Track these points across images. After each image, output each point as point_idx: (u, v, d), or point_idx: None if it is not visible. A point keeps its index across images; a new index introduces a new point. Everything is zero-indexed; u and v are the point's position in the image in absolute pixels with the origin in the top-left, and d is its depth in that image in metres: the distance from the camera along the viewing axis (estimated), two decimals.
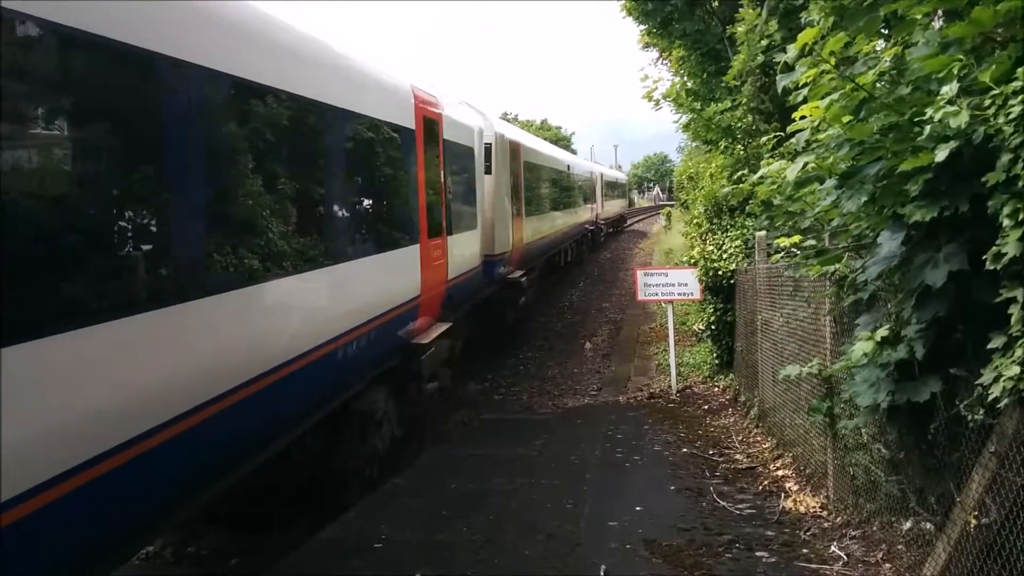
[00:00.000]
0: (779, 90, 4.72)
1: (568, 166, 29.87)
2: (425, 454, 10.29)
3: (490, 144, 15.56)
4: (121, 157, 4.49)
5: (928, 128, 3.65)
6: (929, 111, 3.61)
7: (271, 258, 5.95)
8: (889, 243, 4.21)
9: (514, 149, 17.71)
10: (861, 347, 4.39)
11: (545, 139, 45.58)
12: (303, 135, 6.80)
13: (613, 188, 55.75)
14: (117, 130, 4.43)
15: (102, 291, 4.23)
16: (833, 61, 4.59)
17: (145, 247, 4.65)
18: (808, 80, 4.62)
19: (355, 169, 8.04)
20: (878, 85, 4.20)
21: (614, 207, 54.97)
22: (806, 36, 4.22)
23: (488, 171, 15.26)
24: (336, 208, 7.51)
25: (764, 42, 12.12)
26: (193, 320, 4.94)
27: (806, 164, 4.41)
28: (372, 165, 8.54)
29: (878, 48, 5.47)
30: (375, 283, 8.29)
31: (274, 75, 6.12)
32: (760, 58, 12.29)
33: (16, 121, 3.72)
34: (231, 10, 5.77)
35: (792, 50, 4.33)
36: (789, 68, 4.70)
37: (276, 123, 6.23)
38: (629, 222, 67.44)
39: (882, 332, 4.36)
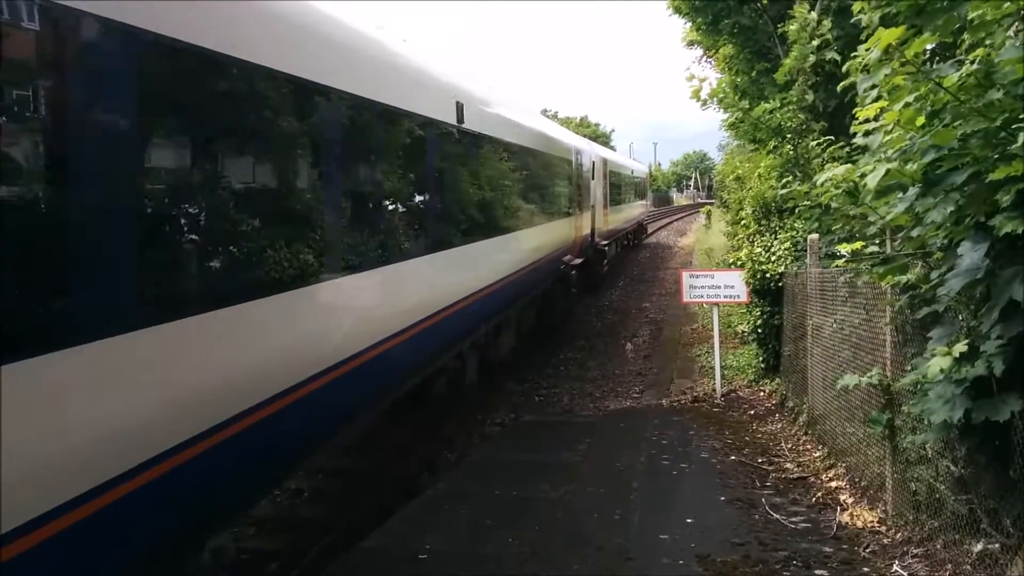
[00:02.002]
0: (859, 91, 4.50)
1: (478, 116, 10.88)
2: (468, 458, 10.17)
3: None
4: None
5: (1023, 135, 3.43)
6: None
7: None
8: (971, 255, 3.98)
9: None
10: (938, 363, 4.16)
11: (584, 136, 34.99)
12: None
13: (627, 185, 36.43)
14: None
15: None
16: (896, 64, 4.40)
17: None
18: (881, 82, 4.41)
19: None
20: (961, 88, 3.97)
21: (629, 214, 36.15)
22: (889, 36, 4.00)
23: None
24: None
25: (816, 42, 11.85)
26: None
27: (888, 171, 4.19)
28: None
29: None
30: None
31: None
32: (812, 58, 12.02)
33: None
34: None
35: (875, 51, 4.11)
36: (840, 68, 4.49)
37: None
38: (661, 225, 59.79)
39: (960, 347, 4.13)
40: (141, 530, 4.21)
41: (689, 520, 7.17)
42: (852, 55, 5.13)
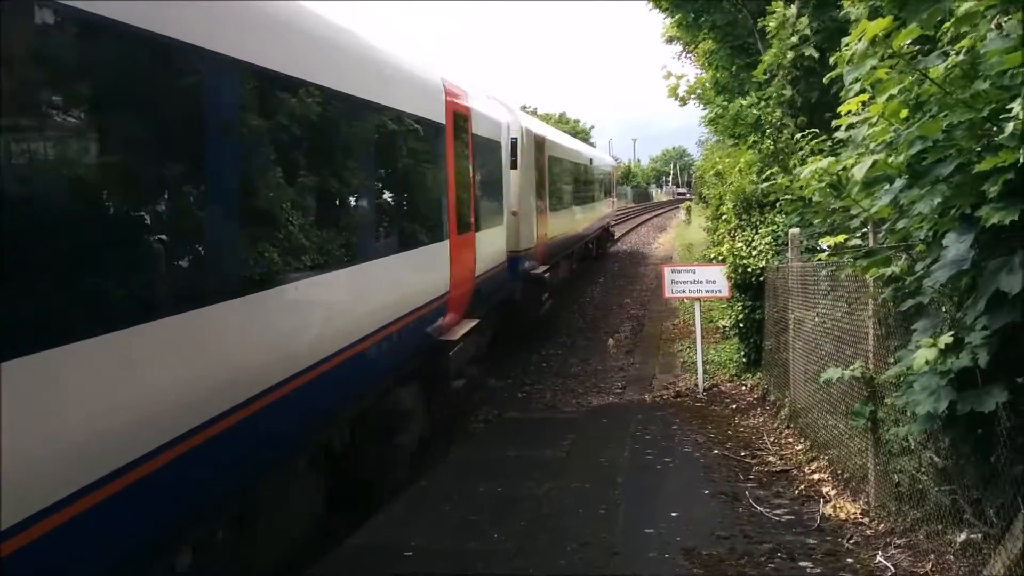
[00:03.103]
0: (846, 82, 4.52)
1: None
2: (452, 455, 10.14)
3: None
4: None
5: (1011, 125, 3.44)
6: (1015, 107, 3.41)
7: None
8: (957, 246, 4.00)
9: None
10: (924, 354, 4.18)
11: (565, 133, 30.86)
12: None
13: (584, 180, 27.29)
14: None
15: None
16: (882, 55, 4.42)
17: None
18: (863, 76, 4.43)
19: None
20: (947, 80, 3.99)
21: (589, 218, 27.58)
22: (875, 28, 4.01)
23: None
24: None
25: (795, 38, 11.92)
26: None
27: (875, 162, 4.21)
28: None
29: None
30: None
31: None
32: (790, 54, 12.09)
33: None
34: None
35: (861, 43, 4.13)
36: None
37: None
38: (641, 221, 56.94)
39: (946, 339, 4.15)
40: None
41: (674, 514, 7.18)
42: (834, 49, 5.17)
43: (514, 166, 15.43)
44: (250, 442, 5.24)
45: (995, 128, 3.74)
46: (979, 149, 3.95)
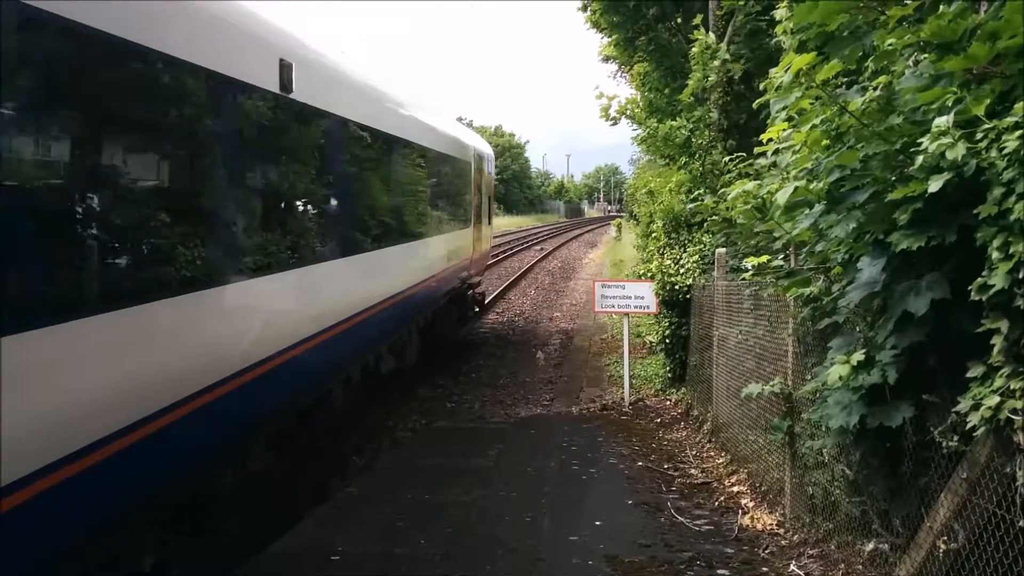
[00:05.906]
0: (772, 111, 4.77)
1: None
2: (379, 462, 10.15)
3: None
4: None
5: (920, 158, 3.70)
6: (925, 142, 3.67)
7: None
8: (870, 269, 4.26)
9: None
10: (837, 370, 4.43)
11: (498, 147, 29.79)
12: None
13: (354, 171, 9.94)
14: None
15: None
16: (804, 85, 4.68)
17: None
18: (788, 106, 4.69)
19: None
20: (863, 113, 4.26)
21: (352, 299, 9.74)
22: (800, 62, 4.26)
23: None
24: None
25: (716, 62, 12.33)
26: None
27: (797, 188, 4.45)
28: None
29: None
30: None
31: None
32: (713, 77, 12.50)
33: None
34: None
35: (788, 75, 4.38)
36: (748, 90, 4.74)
37: None
38: (572, 236, 56.43)
39: (858, 356, 4.41)
40: None
41: (598, 523, 7.34)
42: (764, 75, 5.44)
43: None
44: None
45: (907, 160, 4.01)
46: (892, 179, 4.21)
